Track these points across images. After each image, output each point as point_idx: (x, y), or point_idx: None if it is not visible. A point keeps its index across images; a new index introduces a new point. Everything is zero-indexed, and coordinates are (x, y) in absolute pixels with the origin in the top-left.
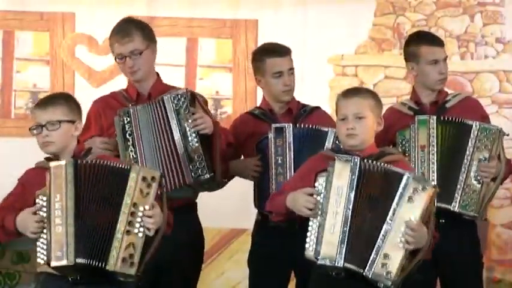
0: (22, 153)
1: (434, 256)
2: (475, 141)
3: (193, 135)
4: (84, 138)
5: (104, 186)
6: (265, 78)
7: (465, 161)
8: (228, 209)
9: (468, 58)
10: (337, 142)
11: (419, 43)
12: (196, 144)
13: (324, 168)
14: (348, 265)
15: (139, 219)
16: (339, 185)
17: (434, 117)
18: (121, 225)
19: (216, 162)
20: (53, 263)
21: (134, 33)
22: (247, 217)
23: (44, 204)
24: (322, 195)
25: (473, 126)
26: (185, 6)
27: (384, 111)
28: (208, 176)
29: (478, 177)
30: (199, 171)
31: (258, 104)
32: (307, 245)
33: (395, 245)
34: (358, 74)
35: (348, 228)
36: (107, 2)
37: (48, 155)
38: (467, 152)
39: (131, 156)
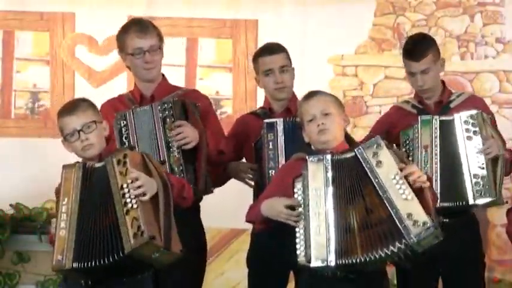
0: (22, 153)
1: (436, 254)
2: (463, 132)
3: (175, 145)
4: None
5: (100, 190)
6: (260, 78)
7: (462, 153)
8: (228, 209)
9: (468, 58)
10: None
11: (402, 52)
12: (177, 156)
13: (300, 173)
14: (341, 261)
15: (128, 195)
16: (315, 186)
17: (437, 117)
18: (120, 212)
19: (199, 173)
20: (53, 267)
21: (152, 30)
22: None
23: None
24: (301, 200)
25: (455, 119)
26: (185, 6)
27: (386, 110)
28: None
29: (480, 164)
30: None
31: (258, 104)
32: (298, 252)
33: (405, 201)
34: (358, 74)
35: (333, 226)
36: (107, 2)
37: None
38: (461, 145)
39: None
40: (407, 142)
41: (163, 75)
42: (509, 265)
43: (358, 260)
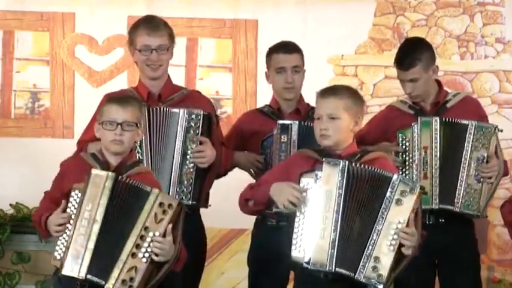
0: (22, 153)
1: (432, 255)
2: (472, 141)
3: (192, 160)
4: (89, 136)
5: (127, 207)
6: (271, 74)
7: (464, 160)
8: (228, 209)
9: (468, 58)
10: None
11: (394, 59)
12: (191, 170)
13: (309, 169)
14: (338, 270)
15: (146, 244)
16: (327, 189)
17: (438, 119)
18: (128, 247)
19: (203, 191)
20: (64, 271)
21: (164, 29)
22: (247, 217)
23: (77, 200)
24: (310, 199)
25: (469, 125)
26: (185, 6)
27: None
28: (190, 203)
29: (478, 177)
30: (183, 195)
31: (258, 104)
32: (293, 247)
33: (386, 248)
34: (358, 74)
35: (338, 232)
36: (107, 2)
37: (93, 152)
38: (466, 152)
39: (138, 158)
40: (404, 142)
41: (168, 75)
42: (509, 265)
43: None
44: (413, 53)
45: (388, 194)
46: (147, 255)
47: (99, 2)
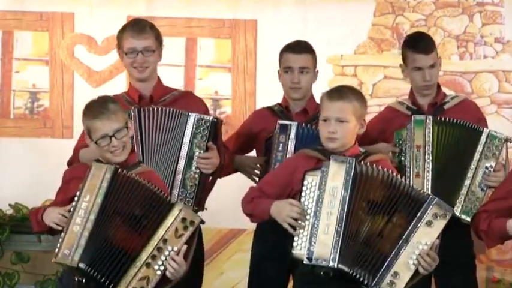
0: (21, 153)
1: None
2: (483, 149)
3: (197, 165)
4: (82, 143)
5: (136, 206)
6: (281, 72)
7: (472, 167)
8: (227, 209)
9: (467, 58)
10: None
11: (406, 47)
12: (195, 175)
13: (314, 167)
14: (341, 266)
15: (163, 257)
16: (333, 186)
17: (431, 117)
18: (144, 255)
19: (205, 195)
20: (58, 259)
21: (149, 31)
22: (246, 217)
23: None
24: (315, 195)
25: (484, 133)
26: (184, 6)
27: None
28: (192, 209)
29: (482, 185)
30: (186, 200)
31: (257, 104)
32: (295, 244)
33: (407, 265)
34: (357, 74)
35: (342, 229)
36: (107, 2)
37: (97, 158)
38: (475, 159)
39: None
40: (401, 142)
41: (158, 77)
42: (509, 265)
43: (351, 272)
44: (430, 38)
45: (419, 213)
46: (162, 268)
47: (98, 2)
